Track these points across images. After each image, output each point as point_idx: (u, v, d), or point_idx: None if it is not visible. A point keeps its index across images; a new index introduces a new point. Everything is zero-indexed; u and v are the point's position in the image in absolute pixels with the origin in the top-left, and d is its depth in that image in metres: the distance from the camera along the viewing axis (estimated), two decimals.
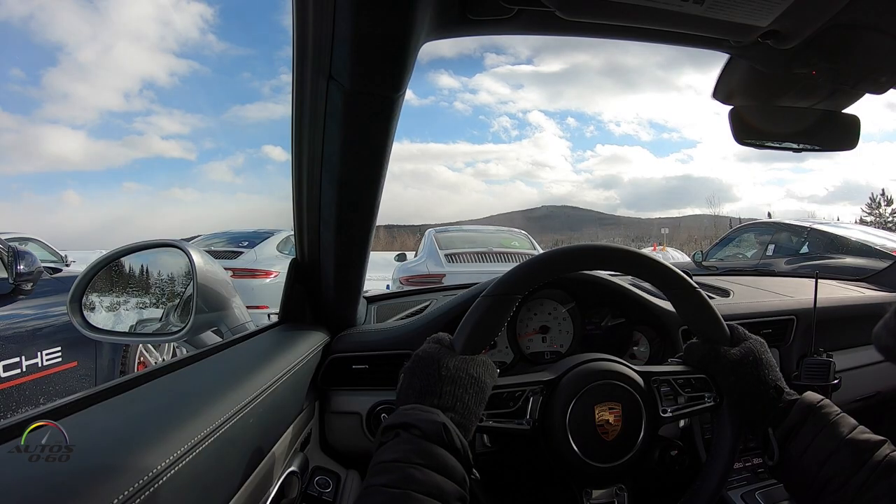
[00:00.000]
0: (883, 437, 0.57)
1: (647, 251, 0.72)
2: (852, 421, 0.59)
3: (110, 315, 1.03)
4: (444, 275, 4.27)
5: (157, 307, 1.08)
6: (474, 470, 0.54)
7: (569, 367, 0.66)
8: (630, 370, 0.66)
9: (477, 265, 4.42)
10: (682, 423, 0.72)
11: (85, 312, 0.91)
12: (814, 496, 0.57)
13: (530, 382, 0.65)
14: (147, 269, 1.09)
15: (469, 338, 0.62)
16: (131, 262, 1.05)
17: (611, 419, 0.63)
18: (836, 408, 0.61)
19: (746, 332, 0.69)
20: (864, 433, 0.58)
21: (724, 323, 0.68)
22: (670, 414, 0.66)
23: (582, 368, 0.65)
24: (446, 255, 4.53)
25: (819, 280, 0.97)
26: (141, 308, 1.07)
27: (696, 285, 0.68)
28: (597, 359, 0.67)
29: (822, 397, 0.62)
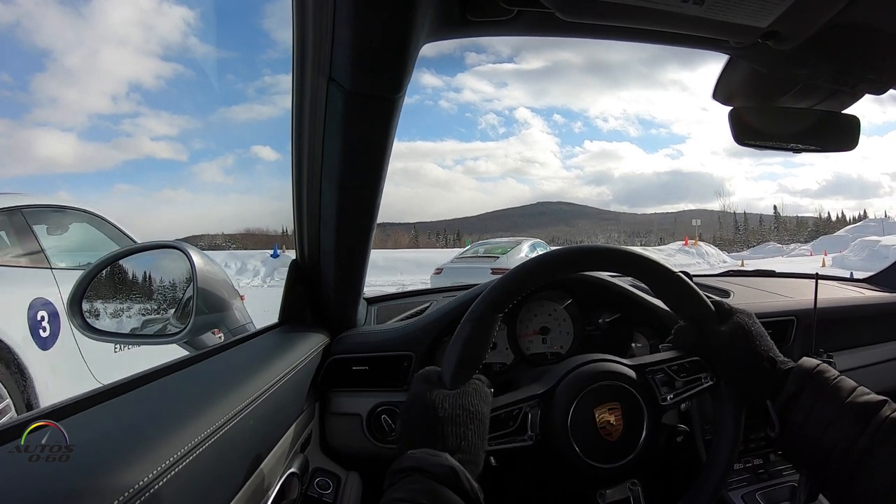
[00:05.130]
0: (884, 398, 0.55)
1: (677, 245, 0.71)
2: (851, 383, 0.58)
3: (110, 317, 1.03)
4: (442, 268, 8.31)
5: (157, 309, 1.08)
6: None
7: (561, 374, 0.65)
8: (622, 367, 0.66)
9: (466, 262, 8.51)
10: (683, 406, 0.71)
11: (85, 314, 0.91)
12: (818, 465, 0.56)
13: (525, 398, 0.64)
14: (147, 271, 1.09)
15: (456, 373, 0.61)
16: (131, 264, 1.05)
17: (612, 419, 0.63)
18: (834, 371, 0.59)
19: (732, 305, 0.68)
20: (865, 395, 0.56)
21: (709, 300, 0.67)
22: (670, 401, 0.65)
23: (574, 374, 0.65)
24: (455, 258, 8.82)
25: (819, 280, 0.97)
26: (141, 310, 1.07)
27: (673, 268, 0.67)
28: (588, 361, 0.66)
29: (818, 362, 0.60)
